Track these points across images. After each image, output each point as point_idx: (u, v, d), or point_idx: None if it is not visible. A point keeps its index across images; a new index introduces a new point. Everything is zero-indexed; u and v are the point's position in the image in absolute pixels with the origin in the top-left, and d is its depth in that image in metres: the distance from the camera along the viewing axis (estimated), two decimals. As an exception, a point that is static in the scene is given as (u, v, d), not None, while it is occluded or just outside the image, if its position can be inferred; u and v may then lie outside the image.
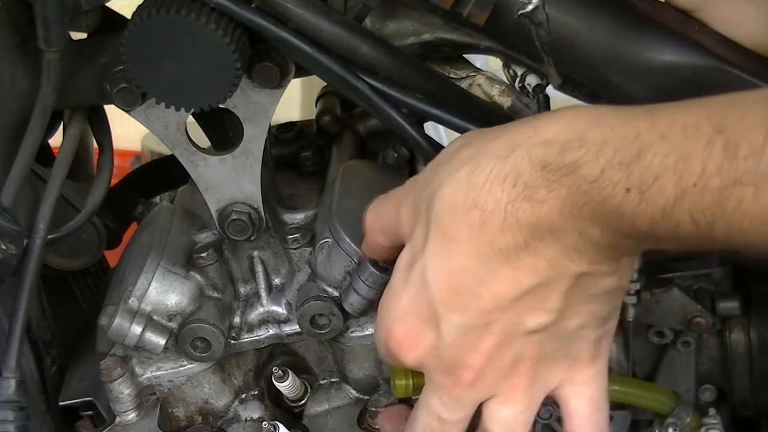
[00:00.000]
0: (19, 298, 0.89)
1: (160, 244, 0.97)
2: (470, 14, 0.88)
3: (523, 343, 0.75)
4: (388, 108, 0.88)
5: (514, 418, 0.78)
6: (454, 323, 0.75)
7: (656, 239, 0.68)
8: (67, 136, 0.96)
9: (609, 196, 0.67)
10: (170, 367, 0.98)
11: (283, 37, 0.85)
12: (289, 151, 1.10)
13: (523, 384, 0.77)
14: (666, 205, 0.65)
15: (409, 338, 0.77)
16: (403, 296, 0.77)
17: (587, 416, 0.79)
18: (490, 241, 0.72)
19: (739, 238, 0.65)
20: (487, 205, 0.71)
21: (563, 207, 0.69)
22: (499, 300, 0.73)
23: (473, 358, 0.75)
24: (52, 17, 0.83)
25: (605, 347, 0.79)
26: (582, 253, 0.71)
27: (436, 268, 0.74)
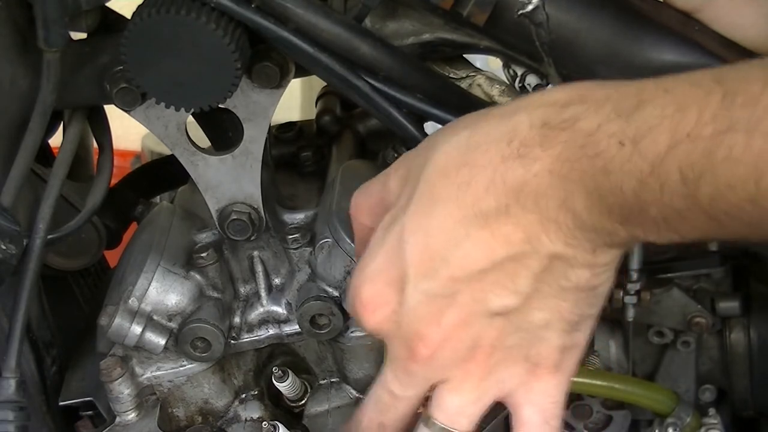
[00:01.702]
0: (19, 298, 0.89)
1: (160, 244, 0.97)
2: (470, 14, 0.88)
3: (484, 325, 0.73)
4: (389, 107, 0.88)
5: (459, 409, 0.76)
6: (419, 288, 0.73)
7: (639, 210, 0.66)
8: (67, 136, 0.96)
9: (602, 151, 0.66)
10: (170, 367, 0.98)
11: (284, 36, 0.85)
12: (289, 151, 1.10)
13: (477, 373, 0.75)
14: (657, 158, 0.64)
15: (374, 300, 0.75)
16: (378, 256, 0.75)
17: (536, 427, 0.77)
18: (473, 201, 0.70)
19: (724, 203, 0.63)
20: (478, 164, 0.70)
21: (555, 165, 0.68)
22: (467, 269, 0.71)
23: (433, 331, 0.73)
24: (52, 17, 0.83)
25: (570, 362, 0.76)
26: (560, 228, 0.69)
27: (414, 228, 0.73)
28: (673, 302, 0.99)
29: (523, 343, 0.74)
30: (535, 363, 0.75)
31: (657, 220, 0.66)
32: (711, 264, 0.99)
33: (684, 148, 0.63)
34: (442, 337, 0.73)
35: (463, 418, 0.77)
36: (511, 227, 0.70)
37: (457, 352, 0.74)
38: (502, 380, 0.76)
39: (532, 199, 0.69)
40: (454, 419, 0.77)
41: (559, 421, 0.78)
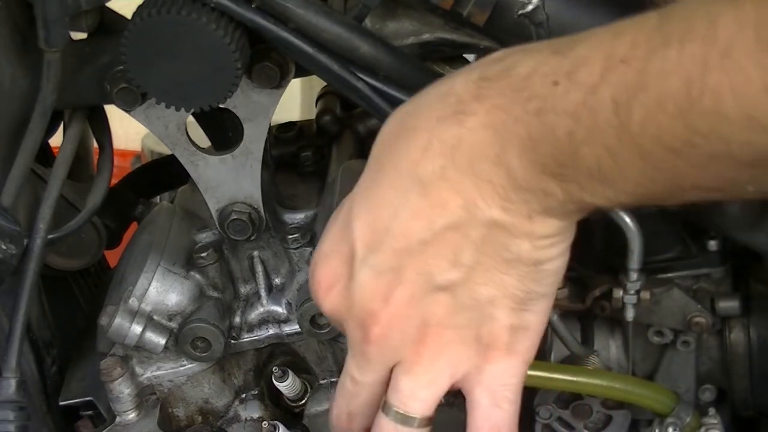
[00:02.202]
0: (19, 298, 0.89)
1: (160, 244, 0.97)
2: (470, 14, 0.88)
3: (431, 302, 0.72)
4: (389, 108, 0.88)
5: (412, 392, 0.75)
6: (367, 263, 0.72)
7: (572, 155, 0.64)
8: (67, 136, 0.96)
9: (536, 93, 0.64)
10: (170, 367, 0.98)
11: (284, 37, 0.85)
12: (289, 151, 1.10)
13: (428, 354, 0.73)
14: (590, 88, 0.62)
15: (327, 279, 0.74)
16: (331, 235, 0.74)
17: (485, 409, 0.75)
18: (411, 166, 0.69)
19: (654, 125, 0.61)
20: (416, 125, 0.70)
21: (489, 116, 0.67)
22: (409, 240, 0.70)
23: (382, 309, 0.72)
24: (53, 17, 0.83)
25: (522, 345, 0.74)
26: (495, 189, 0.68)
27: (361, 202, 0.72)
28: (673, 302, 0.99)
29: (471, 323, 0.73)
30: (486, 344, 0.74)
31: (591, 169, 0.64)
32: (711, 264, 0.99)
33: (617, 73, 0.61)
34: (392, 315, 0.72)
35: (416, 402, 0.75)
36: (448, 192, 0.69)
37: (408, 331, 0.73)
38: (455, 363, 0.74)
39: (467, 158, 0.68)
40: (407, 403, 0.75)
41: (513, 406, 0.76)
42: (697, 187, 0.64)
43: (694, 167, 0.62)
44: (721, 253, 0.98)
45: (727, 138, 0.59)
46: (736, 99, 0.58)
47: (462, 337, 0.73)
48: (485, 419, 0.75)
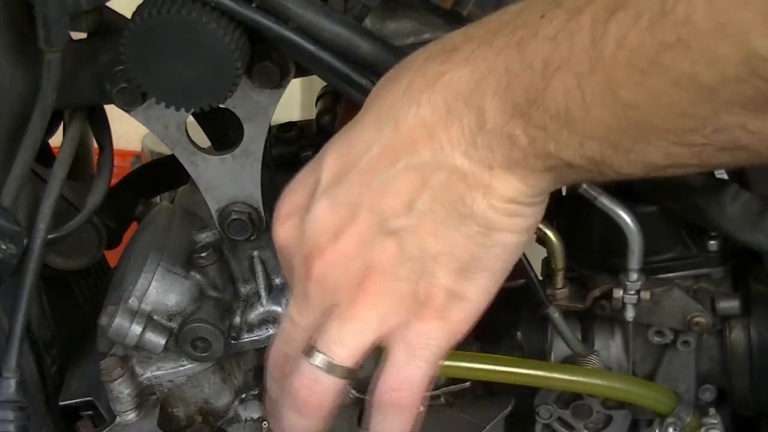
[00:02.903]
0: (19, 298, 0.89)
1: (160, 244, 0.97)
2: (470, 14, 0.88)
3: (378, 245, 0.71)
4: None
5: (338, 337, 0.73)
6: (327, 193, 0.72)
7: (542, 89, 0.64)
8: (67, 136, 0.96)
9: (522, 25, 0.65)
10: (170, 367, 0.98)
11: (284, 36, 0.85)
12: (289, 151, 1.10)
13: (363, 301, 0.73)
14: (575, 11, 0.62)
15: (287, 209, 0.75)
16: (305, 168, 0.75)
17: (400, 363, 0.74)
18: (391, 104, 0.70)
19: (626, 50, 0.60)
20: (406, 67, 0.70)
21: (471, 54, 0.67)
22: (372, 175, 0.70)
23: (329, 245, 0.72)
24: (53, 17, 0.83)
25: (456, 314, 0.73)
26: (462, 131, 0.67)
27: (338, 138, 0.73)
28: (673, 302, 0.99)
29: (412, 276, 0.72)
30: (421, 302, 0.72)
31: (558, 108, 0.64)
32: (711, 264, 0.99)
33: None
34: (337, 253, 0.72)
35: (341, 348, 0.73)
36: (419, 132, 0.69)
37: (349, 272, 0.72)
38: (386, 316, 0.73)
39: (442, 96, 0.68)
40: (331, 347, 0.74)
41: (428, 367, 0.74)
42: (659, 137, 0.63)
43: (658, 102, 0.61)
44: (721, 253, 0.98)
45: (693, 55, 0.58)
46: (708, 5, 0.57)
47: (399, 290, 0.72)
48: (396, 373, 0.74)
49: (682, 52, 0.59)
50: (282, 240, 0.75)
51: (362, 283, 0.72)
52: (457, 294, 0.73)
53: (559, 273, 0.97)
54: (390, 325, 0.73)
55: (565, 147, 0.66)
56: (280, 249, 0.76)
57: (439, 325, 0.73)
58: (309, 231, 0.73)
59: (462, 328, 0.74)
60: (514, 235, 0.72)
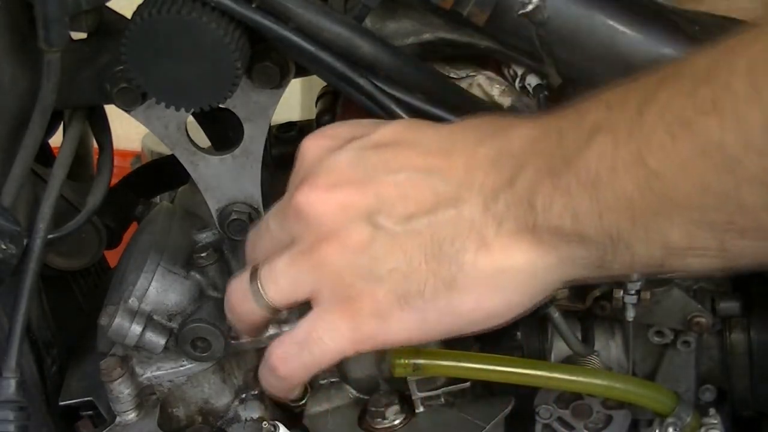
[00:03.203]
0: (19, 298, 0.89)
1: (160, 244, 0.97)
2: (470, 14, 0.88)
3: (357, 227, 0.73)
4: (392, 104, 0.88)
5: (276, 274, 0.76)
6: (363, 149, 0.75)
7: (575, 154, 0.66)
8: (67, 136, 0.96)
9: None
10: (170, 367, 0.98)
11: (284, 36, 0.85)
12: (289, 151, 1.09)
13: (315, 258, 0.74)
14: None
15: (331, 133, 0.80)
16: (372, 121, 0.80)
17: (294, 340, 0.76)
18: (475, 126, 0.75)
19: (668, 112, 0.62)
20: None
21: (537, 124, 0.70)
22: (407, 165, 0.73)
23: (322, 188, 0.74)
24: (53, 17, 0.83)
25: (367, 330, 0.73)
26: (493, 186, 0.69)
27: (419, 121, 0.79)
28: (673, 302, 0.99)
29: (361, 271, 0.73)
30: (350, 297, 0.74)
31: (589, 171, 0.64)
32: (711, 264, 0.98)
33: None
34: (321, 199, 0.74)
35: (274, 285, 0.76)
36: (466, 160, 0.71)
37: (320, 222, 0.74)
38: (322, 285, 0.74)
39: (502, 143, 0.70)
40: (267, 279, 0.77)
41: (312, 359, 0.76)
42: (681, 213, 0.63)
43: (683, 172, 0.61)
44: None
45: (724, 122, 0.59)
46: (748, 75, 0.58)
47: (344, 274, 0.73)
48: (286, 347, 0.77)
49: (715, 118, 0.59)
50: (304, 149, 0.79)
51: (324, 242, 0.74)
52: (381, 314, 0.73)
53: (559, 273, 0.97)
54: (319, 298, 0.75)
55: (583, 216, 0.65)
56: (301, 153, 0.79)
57: (349, 327, 0.74)
58: (322, 164, 0.76)
59: (365, 346, 0.75)
60: (470, 312, 0.72)
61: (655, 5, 0.92)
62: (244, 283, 0.79)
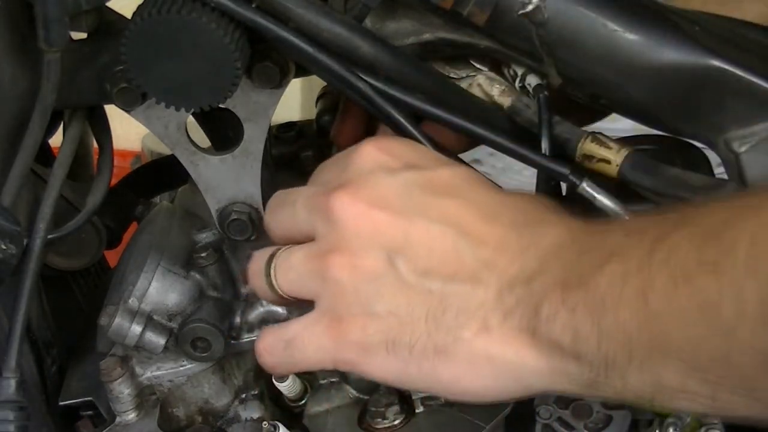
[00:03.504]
0: (19, 298, 0.89)
1: (160, 244, 0.97)
2: (470, 14, 0.88)
3: (374, 254, 0.73)
4: (389, 107, 0.88)
5: (293, 267, 0.77)
6: (406, 174, 0.75)
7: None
8: (67, 136, 0.96)
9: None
10: (170, 367, 0.98)
11: (284, 36, 0.85)
12: (289, 151, 1.10)
13: (329, 262, 0.75)
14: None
15: (376, 146, 0.79)
16: (421, 148, 0.82)
17: (282, 337, 0.78)
18: (526, 204, 0.76)
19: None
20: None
21: (569, 228, 0.71)
22: (446, 220, 0.73)
23: (363, 203, 0.74)
24: (53, 17, 0.83)
25: (348, 359, 0.75)
26: (514, 276, 0.71)
27: (475, 172, 0.80)
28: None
29: (360, 300, 0.74)
30: (342, 318, 0.75)
31: (596, 296, 0.66)
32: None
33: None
34: (360, 218, 0.74)
35: (284, 275, 0.78)
36: (504, 238, 0.71)
37: (345, 236, 0.74)
38: (321, 291, 0.76)
39: (536, 239, 0.71)
40: (280, 268, 0.78)
41: (291, 362, 0.79)
42: (675, 358, 0.63)
43: (680, 321, 0.62)
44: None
45: (722, 286, 0.60)
46: (752, 246, 0.59)
47: (346, 294, 0.74)
48: (273, 339, 0.79)
49: (714, 281, 0.60)
50: (364, 151, 0.78)
51: (339, 253, 0.74)
52: (366, 348, 0.74)
53: (559, 273, 0.97)
54: (319, 303, 0.76)
55: (583, 338, 0.66)
56: (358, 152, 0.78)
57: (333, 346, 0.75)
58: (371, 178, 0.75)
59: (344, 368, 0.77)
60: (449, 382, 0.73)
61: (656, 6, 0.92)
62: (262, 263, 0.80)
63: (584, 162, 0.92)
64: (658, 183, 0.92)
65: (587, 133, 0.93)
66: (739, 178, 0.93)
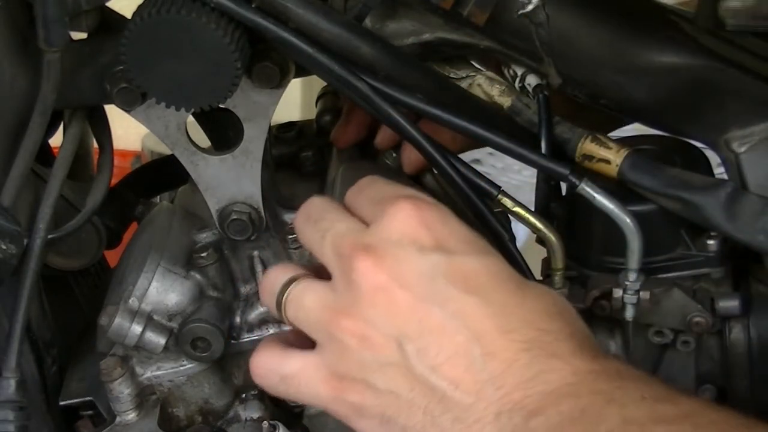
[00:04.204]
0: (19, 298, 0.89)
1: (160, 244, 0.97)
2: (470, 14, 0.88)
3: (384, 334, 0.74)
4: (388, 108, 0.88)
5: (304, 302, 0.77)
6: (434, 258, 0.74)
7: None
8: (67, 136, 0.96)
9: None
10: (170, 367, 0.98)
11: (284, 36, 0.85)
12: (289, 151, 1.10)
13: (343, 314, 0.75)
14: None
15: (407, 206, 0.77)
16: (439, 218, 0.77)
17: (279, 371, 0.79)
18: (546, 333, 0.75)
19: None
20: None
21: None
22: (463, 316, 0.73)
23: (376, 260, 0.74)
24: (53, 17, 0.83)
25: (342, 414, 0.77)
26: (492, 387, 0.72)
27: (492, 255, 0.78)
28: (673, 302, 0.99)
29: (365, 371, 0.75)
30: (343, 377, 0.76)
31: None
32: (711, 264, 0.98)
33: None
34: (380, 292, 0.74)
35: (293, 308, 0.78)
36: (509, 353, 0.72)
37: (361, 301, 0.74)
38: (326, 343, 0.76)
39: (535, 370, 0.72)
40: (292, 300, 0.78)
41: (288, 394, 0.80)
42: None
43: None
44: (721, 253, 0.98)
45: None
46: None
47: (350, 359, 0.75)
48: (269, 367, 0.80)
49: None
50: (402, 211, 0.76)
51: (350, 317, 0.75)
52: (360, 412, 0.76)
53: (558, 273, 0.97)
54: (321, 353, 0.77)
55: None
56: (395, 209, 0.76)
57: (328, 396, 0.77)
58: (400, 250, 0.74)
59: (336, 415, 0.78)
60: None
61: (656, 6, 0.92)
62: (277, 285, 0.79)
63: (584, 162, 0.93)
64: (658, 183, 0.92)
65: (587, 133, 0.93)
66: (739, 178, 0.93)
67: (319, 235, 0.79)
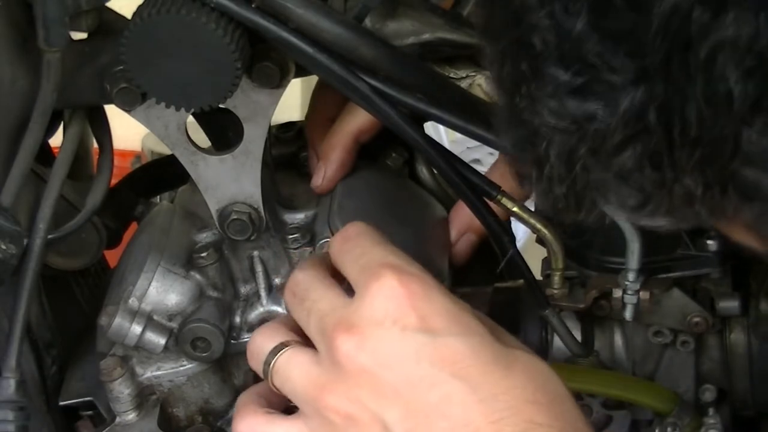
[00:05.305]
0: (19, 298, 0.89)
1: (160, 244, 0.97)
2: (470, 14, 0.88)
3: (363, 408, 0.74)
4: (388, 108, 0.88)
5: (290, 371, 0.78)
6: (420, 339, 0.74)
7: None
8: (67, 136, 0.96)
9: None
10: (170, 367, 0.98)
11: (284, 36, 0.85)
12: (289, 151, 1.10)
13: (317, 397, 0.76)
14: None
15: (391, 288, 0.76)
16: (430, 303, 0.77)
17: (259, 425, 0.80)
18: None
19: None
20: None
21: None
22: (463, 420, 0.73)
23: (370, 359, 0.74)
24: (52, 17, 0.83)
25: None
26: None
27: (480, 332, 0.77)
28: (673, 302, 0.99)
29: (353, 419, 0.75)
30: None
31: None
32: (711, 264, 0.99)
33: None
34: (364, 374, 0.74)
35: (279, 376, 0.79)
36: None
37: (346, 379, 0.74)
38: (309, 418, 0.77)
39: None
40: (279, 369, 0.78)
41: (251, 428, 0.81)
42: None
43: None
44: (721, 253, 0.98)
45: None
46: None
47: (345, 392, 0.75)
48: (250, 421, 0.81)
49: None
50: (389, 289, 0.75)
51: (338, 394, 0.75)
52: None
53: (558, 273, 0.97)
54: (307, 422, 0.77)
55: None
56: (381, 283, 0.76)
57: None
58: (386, 332, 0.74)
59: None
60: None
61: None
62: (265, 349, 0.80)
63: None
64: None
65: (587, 133, 0.93)
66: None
67: (305, 314, 0.79)
